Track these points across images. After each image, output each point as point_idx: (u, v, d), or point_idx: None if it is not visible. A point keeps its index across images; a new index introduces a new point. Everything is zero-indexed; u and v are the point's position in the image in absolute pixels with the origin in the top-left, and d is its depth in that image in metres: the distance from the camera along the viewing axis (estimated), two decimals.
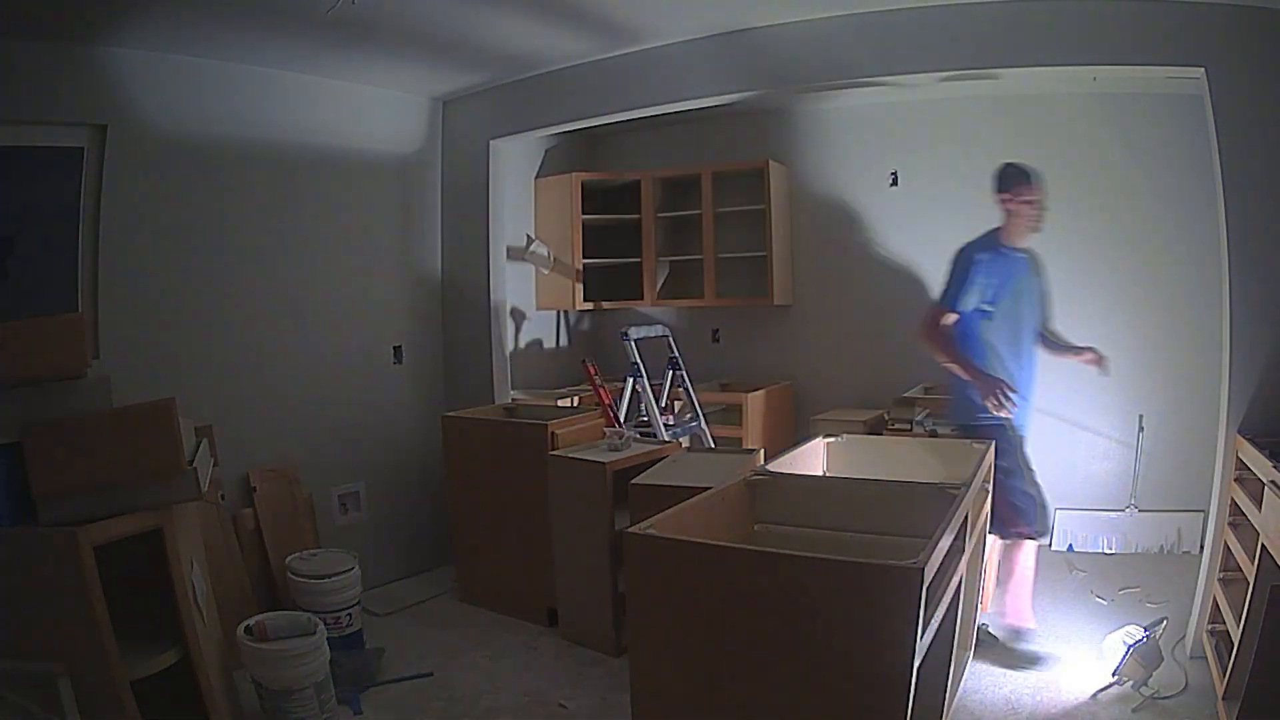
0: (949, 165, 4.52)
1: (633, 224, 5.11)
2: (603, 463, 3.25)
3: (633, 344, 4.10)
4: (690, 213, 5.02)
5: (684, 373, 4.34)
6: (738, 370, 5.15)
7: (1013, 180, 3.05)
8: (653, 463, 3.27)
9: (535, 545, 3.58)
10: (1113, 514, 4.26)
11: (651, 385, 4.19)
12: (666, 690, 1.87)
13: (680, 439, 4.06)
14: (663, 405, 4.31)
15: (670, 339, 4.39)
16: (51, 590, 2.10)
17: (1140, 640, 2.82)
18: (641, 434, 3.99)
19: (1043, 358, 3.19)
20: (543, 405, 4.24)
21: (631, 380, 4.14)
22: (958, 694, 2.76)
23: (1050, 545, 4.34)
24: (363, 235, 4.17)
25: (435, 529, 4.36)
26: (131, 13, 2.96)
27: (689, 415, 4.37)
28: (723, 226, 4.91)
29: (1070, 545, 4.30)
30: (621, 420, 4.03)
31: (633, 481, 2.99)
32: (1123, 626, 2.99)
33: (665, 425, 4.14)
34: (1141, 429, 4.19)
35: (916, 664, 1.60)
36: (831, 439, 3.15)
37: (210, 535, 3.18)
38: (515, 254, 4.76)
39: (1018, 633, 3.12)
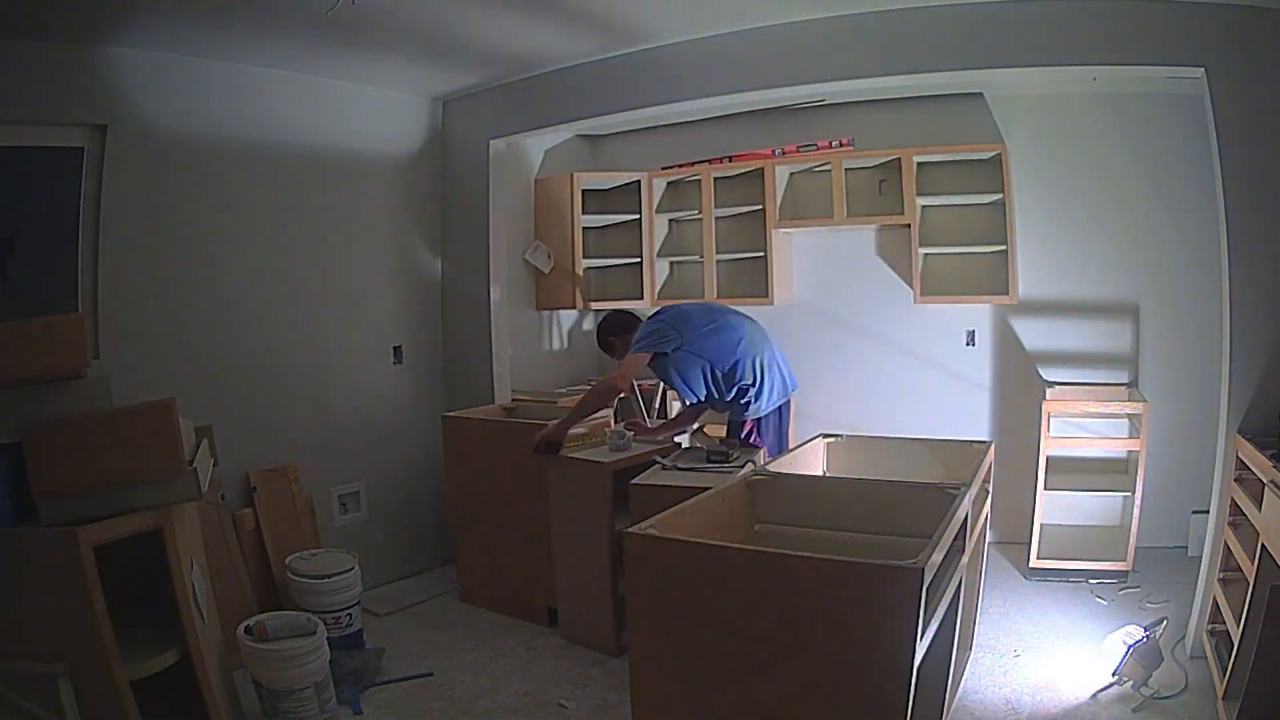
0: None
1: (633, 224, 5.11)
2: (603, 463, 3.25)
3: None
4: (690, 213, 5.03)
5: None
6: None
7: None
8: (653, 463, 3.27)
9: (535, 545, 3.58)
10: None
11: (645, 386, 4.18)
12: (666, 690, 1.87)
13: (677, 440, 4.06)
14: (656, 407, 4.30)
15: None
16: (51, 590, 2.10)
17: (1140, 640, 2.82)
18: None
19: None
20: (543, 405, 4.24)
21: None
22: (958, 694, 2.76)
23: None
24: (363, 235, 4.17)
25: (435, 529, 4.36)
26: (131, 13, 2.96)
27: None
28: (723, 227, 4.91)
29: None
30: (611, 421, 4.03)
31: (633, 481, 2.99)
32: (1123, 626, 2.99)
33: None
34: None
35: (916, 664, 1.60)
36: (831, 439, 3.15)
37: (210, 535, 3.18)
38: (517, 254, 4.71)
39: None
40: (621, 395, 4.26)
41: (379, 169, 4.24)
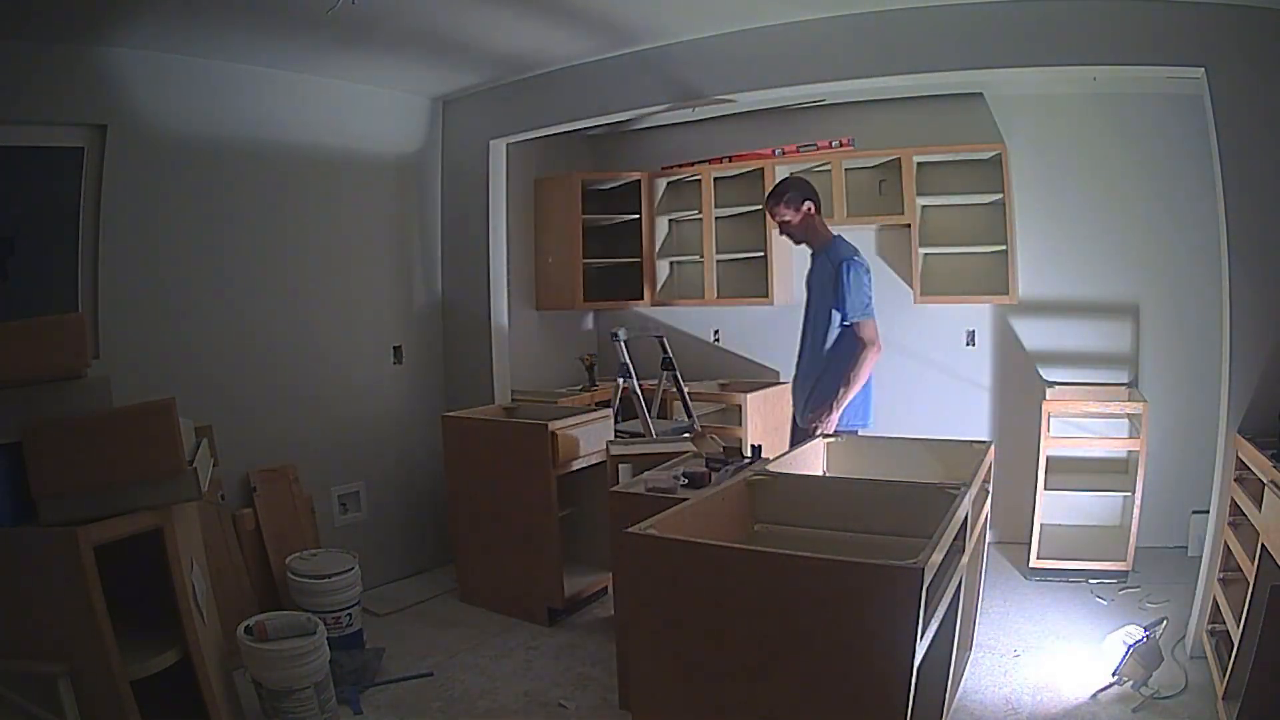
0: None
1: (633, 224, 5.11)
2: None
3: (623, 345, 4.08)
4: (690, 213, 5.03)
5: (678, 374, 4.34)
6: (738, 370, 5.15)
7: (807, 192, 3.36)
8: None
9: (535, 545, 3.58)
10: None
11: (645, 387, 4.18)
12: (666, 690, 1.87)
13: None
14: (655, 407, 4.30)
15: (663, 341, 4.39)
16: (51, 590, 2.10)
17: (1140, 640, 2.82)
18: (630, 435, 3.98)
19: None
20: (543, 405, 4.24)
21: (621, 381, 4.12)
22: (958, 694, 2.76)
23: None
24: (363, 235, 4.17)
25: (435, 529, 4.36)
26: (131, 13, 2.96)
27: (682, 417, 4.37)
28: (723, 227, 4.91)
29: None
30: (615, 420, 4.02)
31: (612, 489, 2.89)
32: (1123, 626, 2.99)
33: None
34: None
35: (916, 664, 1.59)
36: (831, 439, 3.15)
37: (210, 535, 3.18)
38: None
39: None
40: (624, 391, 4.27)
41: (379, 169, 4.24)
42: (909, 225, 4.46)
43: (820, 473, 3.02)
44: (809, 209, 3.38)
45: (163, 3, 2.91)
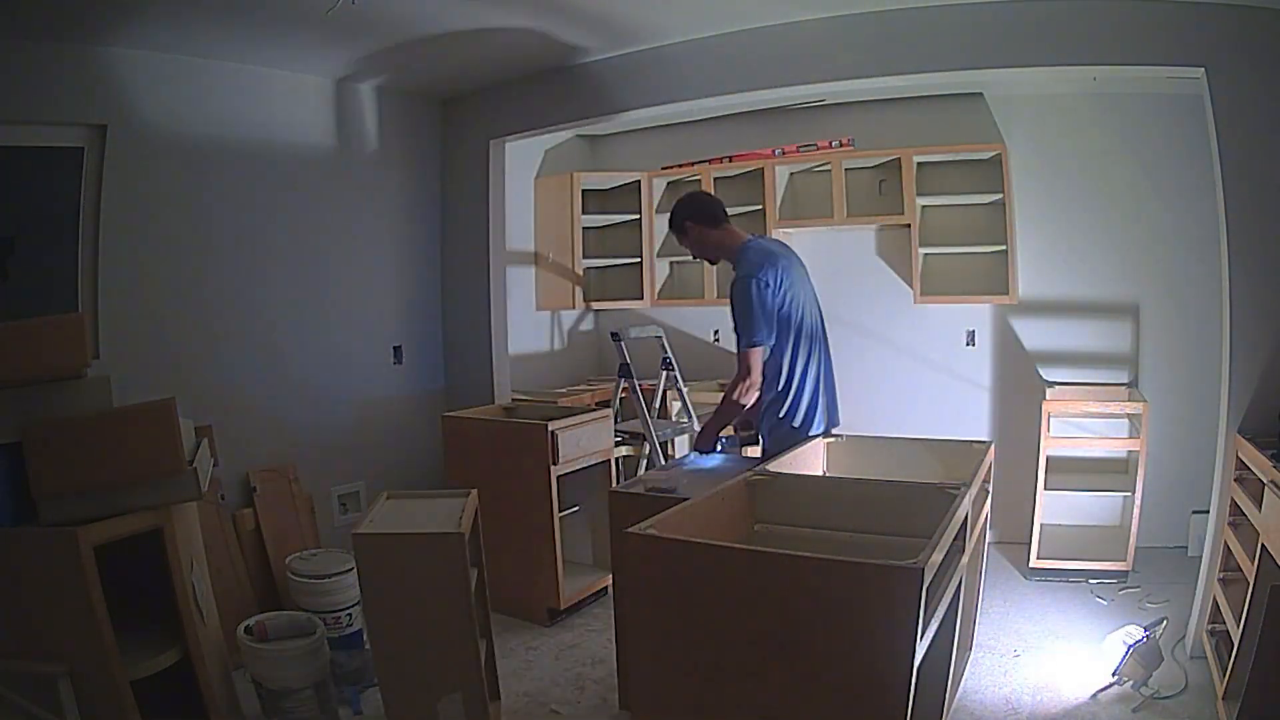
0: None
1: (633, 224, 5.11)
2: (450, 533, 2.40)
3: (624, 345, 4.08)
4: None
5: (678, 374, 4.33)
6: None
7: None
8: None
9: (535, 545, 3.58)
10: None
11: (645, 387, 4.18)
12: (666, 690, 1.87)
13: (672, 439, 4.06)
14: (656, 407, 4.30)
15: (664, 340, 4.38)
16: (51, 590, 2.10)
17: (1140, 640, 2.82)
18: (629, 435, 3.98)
19: None
20: (543, 405, 4.24)
21: (621, 381, 4.12)
22: (958, 694, 2.76)
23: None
24: (363, 235, 4.18)
25: None
26: (131, 13, 2.97)
27: (683, 417, 4.37)
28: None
29: None
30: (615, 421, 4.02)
31: (613, 489, 2.86)
32: (1123, 626, 2.99)
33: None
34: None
35: (916, 664, 1.59)
36: (831, 439, 3.15)
37: (210, 535, 3.18)
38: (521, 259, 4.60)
39: None
40: (624, 394, 4.27)
41: (379, 169, 4.24)
42: (909, 225, 4.46)
43: (820, 473, 3.01)
44: (690, 227, 3.00)
45: (162, 3, 2.91)
